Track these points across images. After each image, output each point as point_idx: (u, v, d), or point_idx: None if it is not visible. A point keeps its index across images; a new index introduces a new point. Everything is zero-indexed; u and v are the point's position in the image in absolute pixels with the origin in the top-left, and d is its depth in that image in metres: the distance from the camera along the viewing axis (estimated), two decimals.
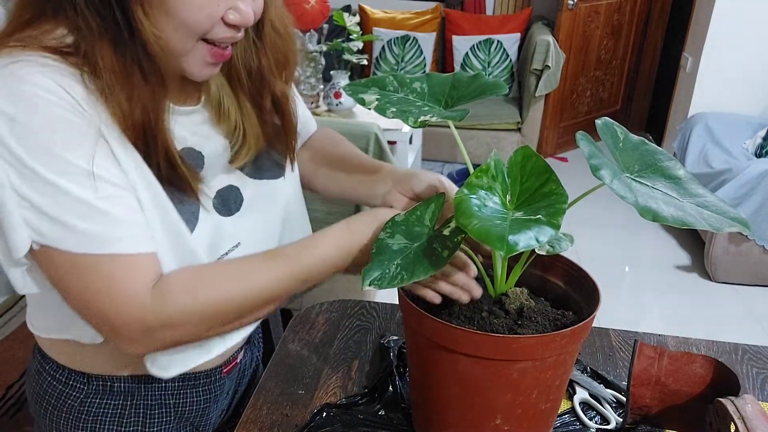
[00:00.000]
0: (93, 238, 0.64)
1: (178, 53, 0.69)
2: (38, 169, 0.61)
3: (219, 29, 0.69)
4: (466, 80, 0.79)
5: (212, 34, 0.69)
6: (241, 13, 0.69)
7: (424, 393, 0.77)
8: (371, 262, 0.67)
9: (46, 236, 0.63)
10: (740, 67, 3.19)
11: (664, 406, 0.81)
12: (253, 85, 0.80)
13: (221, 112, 0.80)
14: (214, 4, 0.67)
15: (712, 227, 0.63)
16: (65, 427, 0.83)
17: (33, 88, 0.61)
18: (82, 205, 0.63)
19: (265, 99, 0.81)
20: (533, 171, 0.67)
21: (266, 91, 0.81)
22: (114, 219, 0.65)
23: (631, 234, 3.18)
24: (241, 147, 0.80)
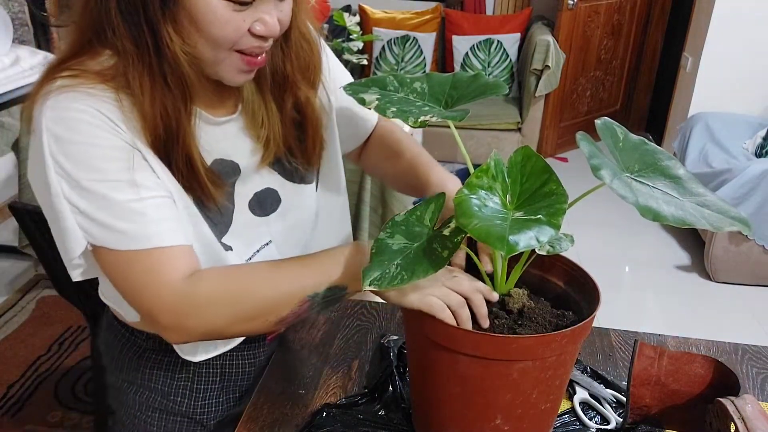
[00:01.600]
0: (132, 237, 0.71)
1: (212, 64, 0.74)
2: (82, 179, 0.70)
3: (247, 40, 0.73)
4: (466, 80, 0.79)
5: (241, 44, 0.73)
6: (266, 25, 0.72)
7: (424, 393, 0.77)
8: (371, 262, 0.67)
9: (95, 237, 0.72)
10: (740, 67, 3.18)
11: (664, 406, 0.81)
12: (276, 87, 0.84)
13: (254, 117, 0.84)
14: (240, 18, 0.71)
15: (712, 226, 0.63)
16: (128, 373, 0.93)
17: (76, 114, 0.70)
18: (120, 207, 0.71)
19: (287, 102, 0.85)
20: (533, 171, 0.67)
21: (288, 94, 0.84)
22: (150, 218, 0.72)
23: (631, 234, 3.18)
24: (265, 148, 0.85)
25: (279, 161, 0.88)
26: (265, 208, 0.88)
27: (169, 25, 0.69)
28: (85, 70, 0.72)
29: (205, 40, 0.71)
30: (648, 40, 4.20)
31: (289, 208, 0.90)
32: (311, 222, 0.95)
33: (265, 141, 0.84)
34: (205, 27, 0.70)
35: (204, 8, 0.69)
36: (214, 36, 0.71)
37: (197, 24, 0.70)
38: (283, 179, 0.89)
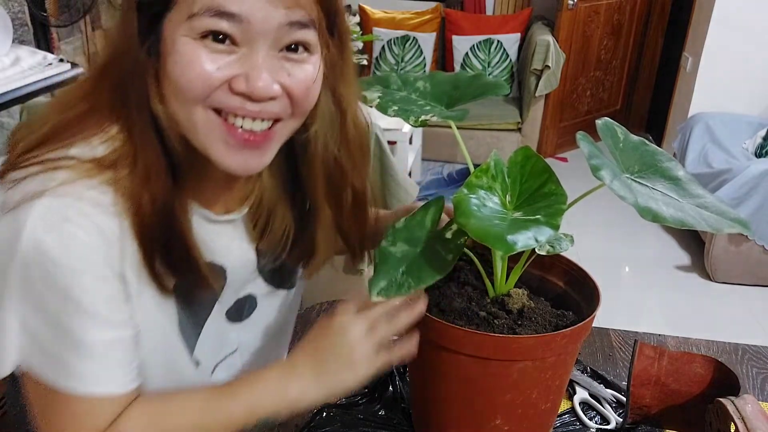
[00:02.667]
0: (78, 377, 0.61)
1: (184, 125, 0.61)
2: (49, 302, 0.59)
3: (222, 96, 0.60)
4: (467, 80, 0.79)
5: (217, 100, 0.60)
6: (249, 82, 0.59)
7: (424, 393, 0.77)
8: (376, 272, 0.67)
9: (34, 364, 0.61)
10: (740, 67, 3.18)
11: (664, 406, 0.81)
12: (332, 186, 0.73)
13: (268, 225, 0.74)
14: (213, 65, 0.58)
15: (711, 228, 0.63)
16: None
17: (73, 229, 0.58)
18: (79, 345, 0.60)
19: (346, 195, 0.74)
20: (533, 171, 0.67)
21: (346, 194, 0.74)
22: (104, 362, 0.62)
23: (631, 234, 3.18)
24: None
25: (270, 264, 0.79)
26: (241, 314, 0.79)
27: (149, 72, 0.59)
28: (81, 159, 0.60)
29: (174, 91, 0.59)
30: (648, 40, 4.20)
31: (264, 313, 0.81)
32: (280, 329, 0.86)
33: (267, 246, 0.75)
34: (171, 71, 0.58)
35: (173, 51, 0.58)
36: (177, 81, 0.58)
37: (167, 69, 0.59)
38: (265, 284, 0.80)
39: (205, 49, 0.57)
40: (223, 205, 0.72)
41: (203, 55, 0.58)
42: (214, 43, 0.58)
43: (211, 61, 0.58)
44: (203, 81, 0.58)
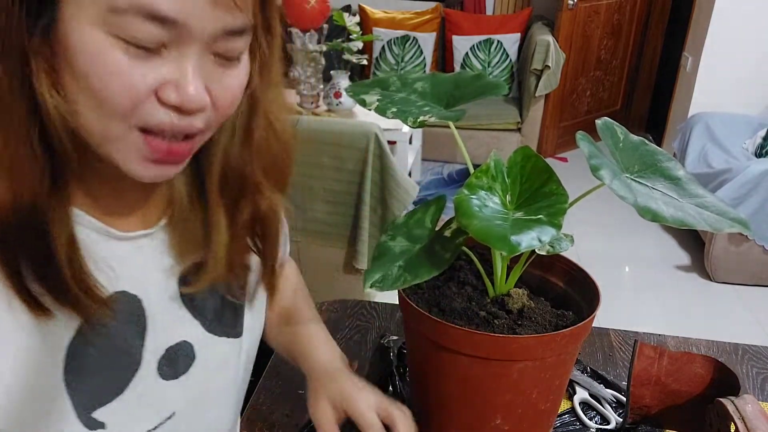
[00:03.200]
0: None
1: (99, 139, 0.50)
2: None
3: (151, 110, 0.49)
4: (468, 80, 0.79)
5: (144, 116, 0.49)
6: (180, 92, 0.48)
7: (424, 393, 0.77)
8: (373, 265, 0.67)
9: None
10: (740, 67, 3.18)
11: (664, 406, 0.81)
12: (230, 193, 0.61)
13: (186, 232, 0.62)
14: (139, 72, 0.47)
15: (711, 228, 0.63)
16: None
17: None
18: None
19: (243, 211, 0.62)
20: (533, 171, 0.67)
21: (246, 202, 0.62)
22: None
23: (631, 234, 3.18)
24: (198, 272, 0.62)
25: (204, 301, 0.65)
26: (175, 369, 0.63)
27: (39, 57, 0.46)
28: None
29: (86, 102, 0.47)
30: (648, 40, 4.20)
31: (205, 368, 0.66)
32: (229, 389, 0.71)
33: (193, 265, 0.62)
34: (84, 74, 0.46)
35: (80, 44, 0.45)
36: (97, 96, 0.47)
37: (73, 67, 0.46)
38: (203, 329, 0.66)
39: (127, 51, 0.46)
40: (132, 218, 0.60)
41: (127, 60, 0.46)
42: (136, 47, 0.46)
43: (137, 67, 0.47)
44: (130, 94, 0.47)
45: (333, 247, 2.12)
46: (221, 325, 0.68)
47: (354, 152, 1.96)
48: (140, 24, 0.45)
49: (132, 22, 0.45)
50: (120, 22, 0.45)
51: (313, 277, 2.26)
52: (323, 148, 1.97)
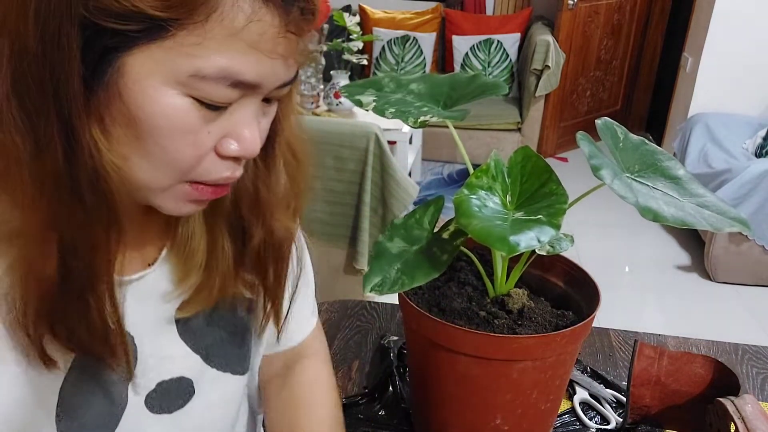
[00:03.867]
0: None
1: (146, 190, 0.49)
2: None
3: (211, 166, 0.48)
4: (465, 80, 0.79)
5: (201, 172, 0.48)
6: (244, 142, 0.48)
7: (424, 393, 0.77)
8: (371, 267, 0.67)
9: None
10: (740, 67, 3.18)
11: (664, 406, 0.81)
12: (242, 218, 0.59)
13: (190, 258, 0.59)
14: (205, 130, 0.46)
15: (712, 227, 0.63)
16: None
17: None
18: None
19: (255, 236, 0.60)
20: (533, 171, 0.67)
21: (258, 228, 0.60)
22: None
23: (631, 234, 3.18)
24: (195, 294, 0.59)
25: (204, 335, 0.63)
26: (168, 404, 0.61)
27: (94, 124, 0.44)
28: None
29: (144, 156, 0.46)
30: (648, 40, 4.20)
31: (202, 405, 0.63)
32: (224, 422, 0.68)
33: (196, 289, 0.59)
34: (151, 136, 0.44)
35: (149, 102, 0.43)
36: (161, 153, 0.45)
37: (138, 129, 0.44)
38: (203, 363, 0.63)
39: (199, 110, 0.45)
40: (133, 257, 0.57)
41: (198, 119, 0.45)
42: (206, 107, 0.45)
43: (205, 125, 0.46)
44: (197, 152, 0.47)
45: (333, 248, 2.11)
46: (226, 360, 0.65)
47: (354, 152, 1.96)
48: (221, 89, 0.45)
49: (214, 87, 0.44)
50: (201, 86, 0.44)
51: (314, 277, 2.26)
52: (323, 148, 1.97)
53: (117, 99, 0.43)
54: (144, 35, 0.42)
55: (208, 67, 0.43)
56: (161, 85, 0.43)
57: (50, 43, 0.41)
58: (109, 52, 0.42)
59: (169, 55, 0.43)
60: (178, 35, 0.42)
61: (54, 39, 0.41)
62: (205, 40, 0.42)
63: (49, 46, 0.41)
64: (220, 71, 0.44)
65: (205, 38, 0.42)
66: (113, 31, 0.41)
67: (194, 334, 0.62)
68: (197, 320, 0.62)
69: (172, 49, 0.42)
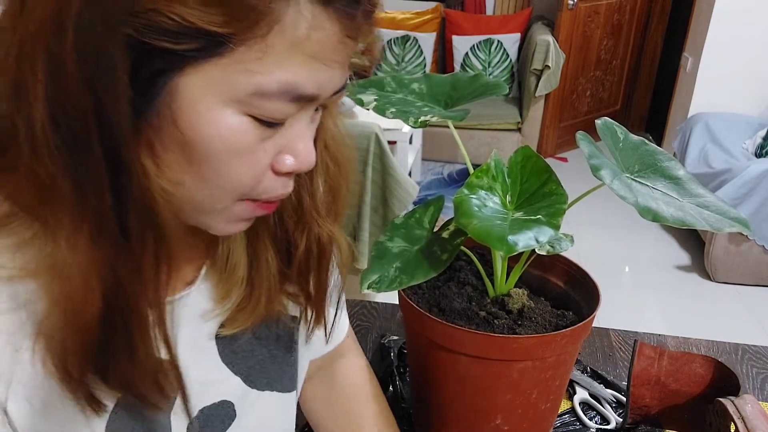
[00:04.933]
0: None
1: (199, 212, 0.47)
2: None
3: (267, 184, 0.46)
4: (466, 80, 0.79)
5: (258, 190, 0.46)
6: (299, 156, 0.46)
7: (424, 393, 0.77)
8: (370, 266, 0.67)
9: None
10: (740, 67, 3.18)
11: (664, 406, 0.81)
12: (286, 228, 0.57)
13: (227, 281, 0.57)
14: (261, 148, 0.44)
15: (712, 227, 0.63)
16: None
17: None
18: None
19: (300, 247, 0.57)
20: (533, 171, 0.67)
21: (302, 237, 0.57)
22: None
23: (631, 234, 3.18)
24: (237, 311, 0.57)
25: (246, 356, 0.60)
26: (212, 429, 0.58)
27: (143, 151, 0.41)
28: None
29: (199, 180, 0.43)
30: (648, 40, 4.20)
31: (243, 427, 0.61)
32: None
33: (238, 305, 0.57)
34: (207, 160, 0.42)
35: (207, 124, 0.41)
36: (217, 176, 0.43)
37: (192, 152, 0.42)
38: (244, 385, 0.60)
39: (257, 128, 0.43)
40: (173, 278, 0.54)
41: (256, 138, 0.43)
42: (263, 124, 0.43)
43: (261, 143, 0.44)
44: (255, 172, 0.45)
45: None
46: (268, 379, 0.62)
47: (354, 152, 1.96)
48: (281, 104, 0.42)
49: (274, 104, 0.42)
50: (261, 103, 0.41)
51: None
52: None
53: (169, 123, 0.40)
54: (200, 53, 0.39)
55: (269, 83, 0.40)
56: (218, 105, 0.41)
57: (92, 64, 0.37)
58: (161, 74, 0.39)
59: (226, 73, 0.39)
60: (237, 51, 0.39)
61: (95, 60, 0.37)
62: (266, 55, 0.40)
63: (90, 67, 0.37)
64: (281, 87, 0.41)
65: (265, 53, 0.40)
66: (165, 51, 0.38)
67: (235, 356, 0.59)
68: (238, 341, 0.59)
69: (229, 66, 0.39)
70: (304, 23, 0.40)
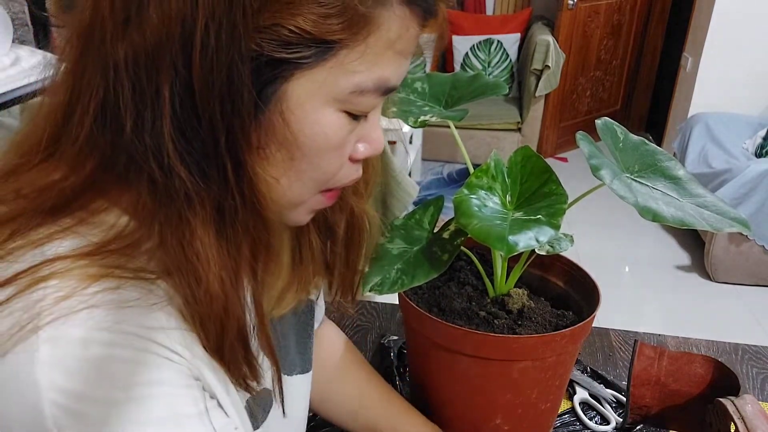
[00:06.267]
0: None
1: (285, 206, 0.49)
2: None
3: (346, 171, 0.49)
4: (466, 80, 0.79)
5: (337, 180, 0.49)
6: (373, 144, 0.50)
7: (424, 393, 0.77)
8: (371, 267, 0.67)
9: None
10: (740, 67, 3.18)
11: (664, 406, 0.81)
12: (325, 211, 0.59)
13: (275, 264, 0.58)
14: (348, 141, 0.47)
15: (712, 227, 0.63)
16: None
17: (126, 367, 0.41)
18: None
19: (341, 226, 0.60)
20: (533, 171, 0.67)
21: (342, 216, 0.60)
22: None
23: (631, 234, 3.18)
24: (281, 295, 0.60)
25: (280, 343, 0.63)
26: (257, 419, 0.58)
27: (254, 153, 0.43)
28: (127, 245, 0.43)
29: (295, 174, 0.46)
30: (648, 40, 4.20)
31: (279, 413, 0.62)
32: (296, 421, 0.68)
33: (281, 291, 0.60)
34: (307, 155, 0.45)
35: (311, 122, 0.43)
36: (313, 170, 0.46)
37: (295, 150, 0.44)
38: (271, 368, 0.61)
39: (349, 124, 0.46)
40: None
41: (348, 132, 0.46)
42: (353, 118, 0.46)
43: (349, 135, 0.47)
44: (342, 162, 0.48)
45: None
46: (294, 362, 0.65)
47: None
48: (373, 98, 0.45)
49: (369, 98, 0.45)
50: (358, 100, 0.45)
51: None
52: None
53: (279, 125, 0.43)
54: (310, 60, 0.41)
55: (367, 81, 0.44)
56: (322, 105, 0.44)
57: (220, 80, 0.39)
58: (274, 81, 0.41)
59: (330, 75, 0.42)
60: (340, 54, 0.42)
61: (225, 75, 0.39)
62: (364, 55, 0.43)
63: (219, 83, 0.39)
64: (375, 83, 0.44)
65: (364, 53, 0.43)
66: (281, 60, 0.41)
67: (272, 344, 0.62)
68: (273, 328, 0.61)
69: (333, 69, 0.42)
70: (396, 24, 0.44)
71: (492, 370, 0.68)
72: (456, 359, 0.69)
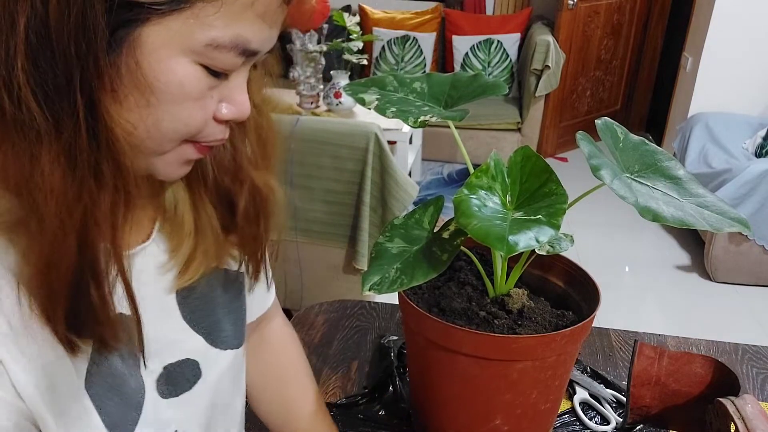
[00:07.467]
0: None
1: (147, 155, 0.50)
2: None
3: (209, 129, 0.51)
4: (466, 80, 0.79)
5: (203, 135, 0.51)
6: (237, 105, 0.51)
7: (424, 393, 0.77)
8: (370, 267, 0.67)
9: None
10: (740, 67, 3.18)
11: (664, 406, 0.81)
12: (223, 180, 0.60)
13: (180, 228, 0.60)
14: (209, 95, 0.49)
15: (712, 227, 0.63)
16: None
17: None
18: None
19: (241, 197, 0.61)
20: (533, 171, 0.67)
21: (241, 187, 0.61)
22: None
23: (631, 234, 3.18)
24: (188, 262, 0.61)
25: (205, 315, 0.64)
26: (177, 387, 0.62)
27: (109, 95, 0.44)
28: None
29: (154, 122, 0.47)
30: (648, 40, 4.20)
31: (209, 385, 0.65)
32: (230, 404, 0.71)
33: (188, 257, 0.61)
34: (163, 103, 0.46)
35: (164, 70, 0.45)
36: (171, 119, 0.47)
37: (150, 97, 0.45)
38: (205, 343, 0.64)
39: (207, 77, 0.47)
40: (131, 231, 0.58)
41: (206, 86, 0.48)
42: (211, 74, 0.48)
43: (209, 91, 0.49)
44: (204, 117, 0.49)
45: (333, 248, 2.11)
46: (223, 337, 0.66)
47: (354, 152, 1.96)
48: (231, 57, 0.47)
49: (225, 55, 0.47)
50: (214, 54, 0.46)
51: (313, 277, 2.26)
52: (323, 148, 1.97)
53: (133, 69, 0.44)
54: (164, 6, 0.43)
55: (223, 37, 0.45)
56: (177, 54, 0.45)
57: (75, 17, 0.40)
58: (129, 24, 0.43)
59: (185, 25, 0.44)
60: (196, 6, 0.44)
61: (79, 13, 0.40)
62: (221, 11, 0.44)
63: (73, 20, 0.40)
64: (233, 40, 0.46)
65: (221, 9, 0.44)
66: (134, 3, 0.42)
67: (194, 315, 0.63)
68: (197, 300, 0.63)
69: (188, 20, 0.44)
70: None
71: (492, 371, 0.68)
72: (455, 359, 0.69)
